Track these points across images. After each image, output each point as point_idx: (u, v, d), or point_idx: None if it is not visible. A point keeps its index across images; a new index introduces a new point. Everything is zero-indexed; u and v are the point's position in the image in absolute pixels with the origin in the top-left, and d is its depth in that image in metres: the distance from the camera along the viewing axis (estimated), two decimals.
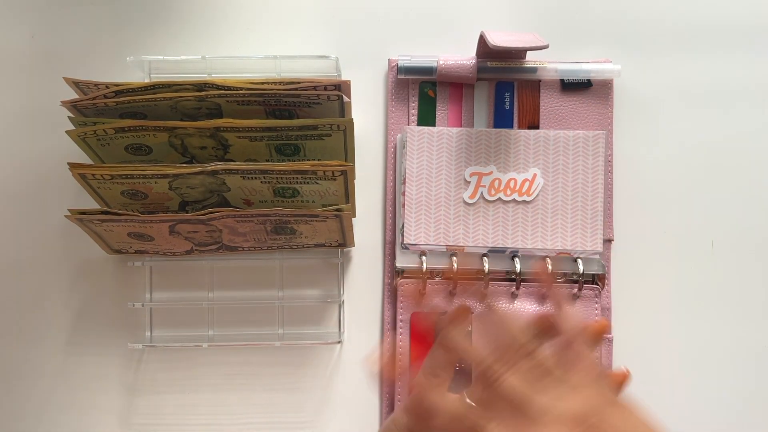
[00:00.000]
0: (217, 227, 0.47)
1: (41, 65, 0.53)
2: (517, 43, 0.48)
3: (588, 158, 0.50)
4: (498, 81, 0.52)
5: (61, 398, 0.52)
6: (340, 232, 0.48)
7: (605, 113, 0.52)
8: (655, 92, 0.53)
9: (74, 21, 0.54)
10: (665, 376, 0.52)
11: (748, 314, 0.52)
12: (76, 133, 0.45)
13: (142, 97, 0.45)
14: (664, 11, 0.54)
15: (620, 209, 0.53)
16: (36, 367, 0.52)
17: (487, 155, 0.50)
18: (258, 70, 0.52)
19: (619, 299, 0.52)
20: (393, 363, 0.50)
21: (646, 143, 0.53)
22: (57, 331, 0.52)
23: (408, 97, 0.53)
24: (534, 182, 0.50)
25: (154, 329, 0.53)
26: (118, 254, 0.52)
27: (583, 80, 0.52)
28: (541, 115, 0.52)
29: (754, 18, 0.54)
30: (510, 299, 0.50)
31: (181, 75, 0.52)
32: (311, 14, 0.54)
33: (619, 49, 0.54)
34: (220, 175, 0.45)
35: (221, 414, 0.52)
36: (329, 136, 0.46)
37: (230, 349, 0.52)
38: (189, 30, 0.54)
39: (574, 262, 0.50)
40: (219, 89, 0.45)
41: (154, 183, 0.45)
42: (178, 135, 0.45)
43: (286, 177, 0.45)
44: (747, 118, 0.53)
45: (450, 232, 0.50)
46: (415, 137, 0.50)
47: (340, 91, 0.45)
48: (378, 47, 0.53)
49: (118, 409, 0.52)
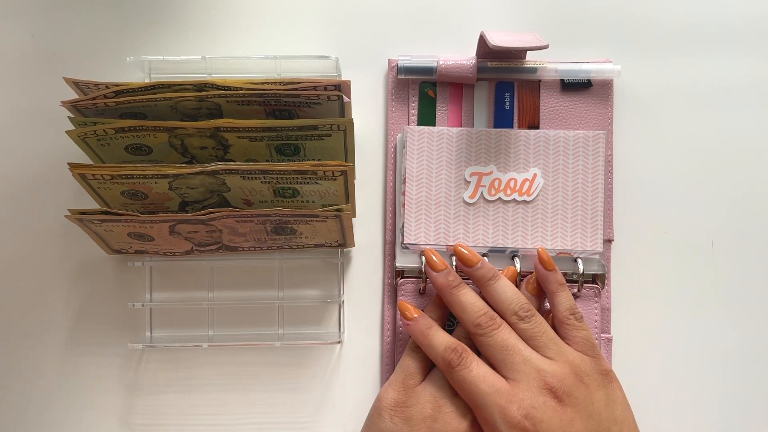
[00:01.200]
0: (217, 227, 0.47)
1: (41, 65, 0.53)
2: (517, 43, 0.48)
3: (588, 158, 0.50)
4: (498, 81, 0.52)
5: (61, 398, 0.52)
6: (340, 232, 0.49)
7: (605, 113, 0.52)
8: (655, 92, 0.53)
9: (74, 21, 0.54)
10: (665, 376, 0.52)
11: (748, 314, 0.52)
12: (76, 133, 0.45)
13: (142, 97, 0.45)
14: (665, 11, 0.54)
15: (620, 209, 0.53)
16: (36, 367, 0.52)
17: (487, 155, 0.51)
18: (258, 70, 0.52)
19: (619, 299, 0.52)
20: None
21: (646, 143, 0.53)
22: (57, 331, 0.52)
23: (408, 97, 0.53)
24: (534, 182, 0.50)
25: (154, 329, 0.53)
26: (118, 254, 0.52)
27: (583, 80, 0.52)
28: (541, 115, 0.52)
29: (754, 18, 0.54)
30: None
31: (181, 75, 0.52)
32: (311, 14, 0.54)
33: (619, 49, 0.54)
34: (220, 176, 0.45)
35: (221, 414, 0.52)
36: (329, 136, 0.46)
37: (230, 349, 0.52)
38: (189, 30, 0.54)
39: (573, 262, 0.50)
40: (219, 89, 0.45)
41: (154, 183, 0.45)
42: (178, 135, 0.46)
43: (286, 177, 0.45)
44: (747, 118, 0.53)
45: (450, 232, 0.50)
46: (415, 137, 0.50)
47: (340, 91, 0.45)
48: (378, 47, 0.54)
49: (118, 409, 0.52)
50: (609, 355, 0.51)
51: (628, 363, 0.52)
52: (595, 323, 0.50)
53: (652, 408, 0.52)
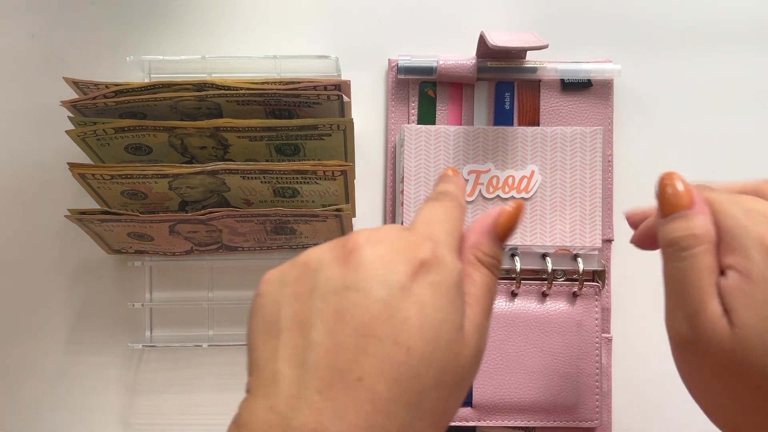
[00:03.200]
0: (217, 227, 0.47)
1: (41, 65, 0.53)
2: (516, 43, 0.48)
3: (586, 154, 0.50)
4: (498, 81, 0.52)
5: (61, 398, 0.52)
6: (340, 232, 0.48)
7: (605, 113, 0.52)
8: (655, 92, 0.53)
9: (74, 21, 0.54)
10: (665, 376, 0.52)
11: None
12: (76, 133, 0.45)
13: (142, 97, 0.45)
14: (665, 11, 0.54)
15: (620, 209, 0.53)
16: (36, 366, 0.52)
17: (485, 153, 0.51)
18: (258, 70, 0.52)
19: (619, 299, 0.52)
20: None
21: (646, 143, 0.53)
22: (57, 331, 0.52)
23: (408, 97, 0.53)
24: (532, 179, 0.50)
25: (154, 329, 0.52)
26: (118, 254, 0.52)
27: (583, 80, 0.52)
28: (541, 114, 0.52)
29: (754, 18, 0.54)
30: (510, 298, 0.50)
31: (181, 75, 0.52)
32: (311, 14, 0.54)
33: (619, 49, 0.54)
34: (220, 175, 0.45)
35: (221, 414, 0.52)
36: (329, 136, 0.46)
37: (230, 349, 0.52)
38: (189, 30, 0.54)
39: (573, 260, 0.50)
40: (219, 89, 0.45)
41: (154, 183, 0.45)
42: (178, 135, 0.46)
43: (286, 177, 0.45)
44: (747, 118, 0.53)
45: None
46: (412, 136, 0.50)
47: (340, 91, 0.45)
48: (378, 47, 0.54)
49: (118, 409, 0.52)
50: (609, 355, 0.51)
51: (628, 363, 0.52)
52: (595, 323, 0.50)
53: (652, 407, 0.52)
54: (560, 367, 0.49)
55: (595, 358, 0.50)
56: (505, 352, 0.50)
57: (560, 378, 0.49)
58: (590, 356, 0.50)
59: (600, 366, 0.50)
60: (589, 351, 0.50)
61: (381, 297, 0.27)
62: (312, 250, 0.30)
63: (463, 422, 0.49)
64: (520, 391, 0.49)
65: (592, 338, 0.50)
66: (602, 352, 0.50)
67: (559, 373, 0.49)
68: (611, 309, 0.52)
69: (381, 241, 0.29)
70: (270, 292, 0.29)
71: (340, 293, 0.27)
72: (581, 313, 0.50)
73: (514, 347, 0.50)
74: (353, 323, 0.27)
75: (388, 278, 0.27)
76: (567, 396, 0.49)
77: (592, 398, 0.50)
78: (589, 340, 0.50)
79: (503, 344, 0.50)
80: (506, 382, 0.49)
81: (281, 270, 0.30)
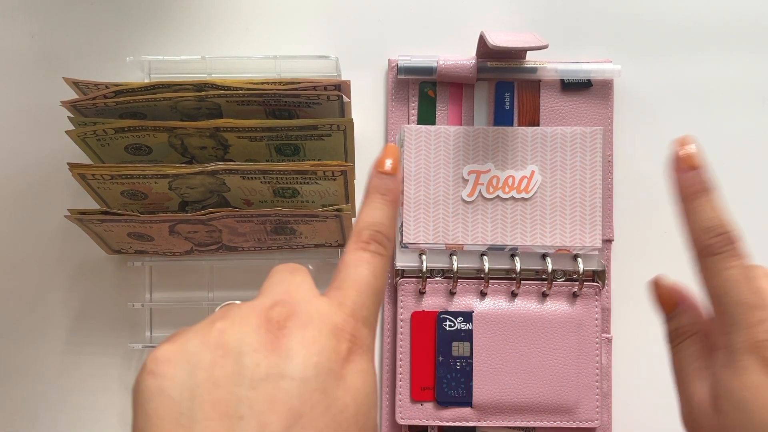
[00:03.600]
0: (217, 227, 0.47)
1: (41, 65, 0.53)
2: (516, 43, 0.48)
3: (586, 154, 0.50)
4: (498, 81, 0.52)
5: (61, 398, 0.52)
6: (340, 232, 0.48)
7: (605, 113, 0.52)
8: (655, 92, 0.53)
9: (74, 21, 0.54)
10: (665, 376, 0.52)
11: None
12: (76, 133, 0.45)
13: (142, 97, 0.45)
14: (665, 11, 0.54)
15: (620, 209, 0.53)
16: (35, 367, 0.52)
17: (485, 153, 0.51)
18: (258, 70, 0.52)
19: (619, 299, 0.52)
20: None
21: (646, 143, 0.53)
22: (57, 331, 0.52)
23: (408, 97, 0.53)
24: (532, 179, 0.50)
25: (154, 329, 0.52)
26: (118, 254, 0.52)
27: (583, 80, 0.52)
28: (541, 115, 0.52)
29: (754, 18, 0.54)
30: (510, 298, 0.50)
31: (181, 75, 0.52)
32: (311, 14, 0.54)
33: (619, 49, 0.54)
34: (219, 175, 0.45)
35: None
36: (329, 136, 0.46)
37: None
38: (189, 30, 0.54)
39: (573, 260, 0.50)
40: (219, 89, 0.45)
41: (154, 183, 0.45)
42: (178, 135, 0.46)
43: (286, 177, 0.45)
44: (747, 118, 0.53)
45: (449, 231, 0.50)
46: (412, 136, 0.50)
47: (340, 91, 0.45)
48: (378, 47, 0.53)
49: (118, 409, 0.52)
50: (609, 355, 0.51)
51: (628, 363, 0.52)
52: (595, 323, 0.50)
53: (652, 407, 0.52)
54: (560, 367, 0.49)
55: (595, 358, 0.50)
56: (505, 352, 0.50)
57: (560, 378, 0.49)
58: (590, 356, 0.50)
59: (600, 366, 0.50)
60: (589, 351, 0.50)
61: (318, 386, 0.25)
62: (226, 329, 0.27)
63: (463, 422, 0.49)
64: (520, 391, 0.49)
65: (592, 338, 0.50)
66: (602, 352, 0.50)
67: (559, 373, 0.49)
68: (611, 309, 0.52)
69: (308, 324, 0.27)
70: (175, 375, 0.26)
71: (273, 381, 0.25)
72: (581, 313, 0.50)
73: (514, 347, 0.50)
74: (289, 414, 0.25)
75: (323, 366, 0.26)
76: (567, 396, 0.49)
77: (592, 398, 0.50)
78: (589, 340, 0.50)
79: (503, 344, 0.50)
80: (506, 382, 0.49)
81: (185, 350, 0.27)
